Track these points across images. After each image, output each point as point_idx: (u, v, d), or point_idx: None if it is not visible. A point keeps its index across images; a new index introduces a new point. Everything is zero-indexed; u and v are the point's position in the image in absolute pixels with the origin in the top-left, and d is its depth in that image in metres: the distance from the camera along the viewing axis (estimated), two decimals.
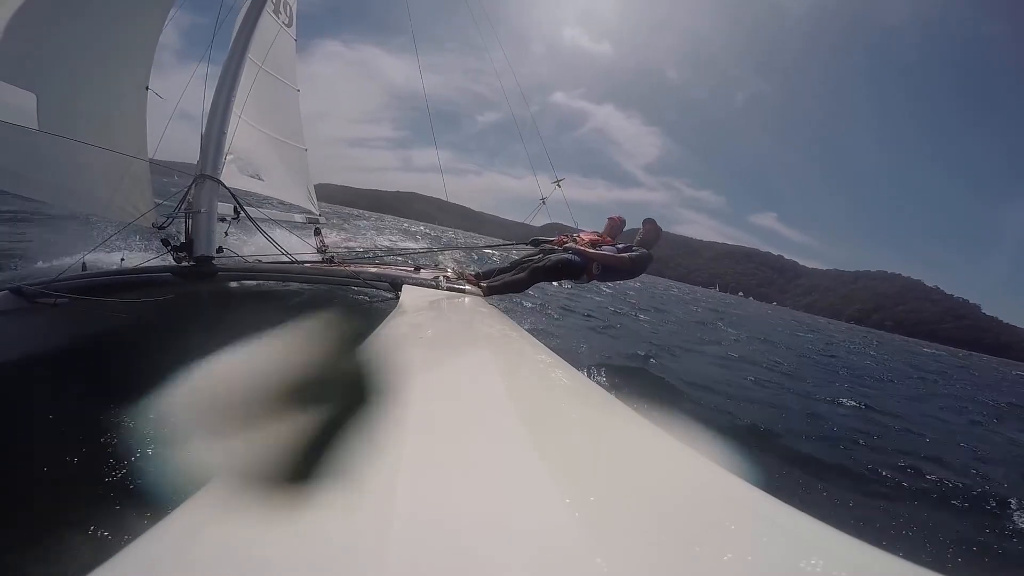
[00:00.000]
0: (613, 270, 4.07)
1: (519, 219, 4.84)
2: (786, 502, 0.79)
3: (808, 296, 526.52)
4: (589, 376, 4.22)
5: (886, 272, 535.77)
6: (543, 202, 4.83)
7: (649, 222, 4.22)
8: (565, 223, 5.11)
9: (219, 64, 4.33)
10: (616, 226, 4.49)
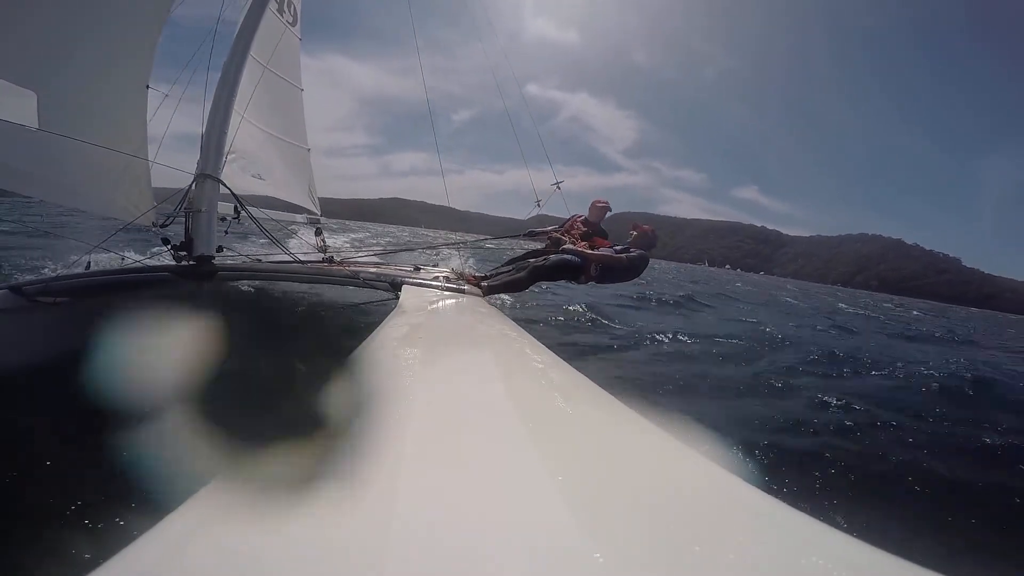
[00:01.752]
0: (611, 271, 4.06)
1: (507, 214, 4.76)
2: (786, 502, 0.79)
3: (794, 263, 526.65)
4: None
5: (867, 234, 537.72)
6: (539, 204, 4.81)
7: (636, 227, 4.10)
8: (555, 215, 4.98)
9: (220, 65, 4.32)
10: (600, 210, 4.41)
